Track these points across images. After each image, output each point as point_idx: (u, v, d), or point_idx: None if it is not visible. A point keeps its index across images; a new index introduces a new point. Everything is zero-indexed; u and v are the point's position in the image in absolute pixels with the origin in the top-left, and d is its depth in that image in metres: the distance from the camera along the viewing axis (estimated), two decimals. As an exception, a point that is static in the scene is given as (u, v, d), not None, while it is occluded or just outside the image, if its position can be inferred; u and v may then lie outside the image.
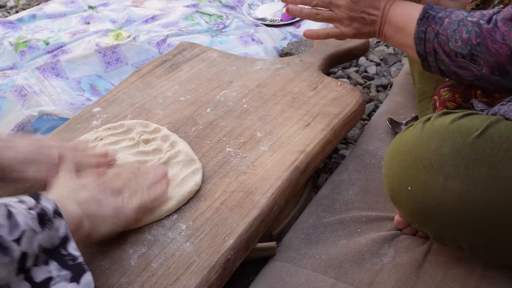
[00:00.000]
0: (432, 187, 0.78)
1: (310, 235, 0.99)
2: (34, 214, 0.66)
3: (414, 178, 0.80)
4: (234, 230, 0.89)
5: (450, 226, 0.81)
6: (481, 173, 0.75)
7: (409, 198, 0.82)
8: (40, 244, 0.66)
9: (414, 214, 0.84)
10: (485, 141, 0.76)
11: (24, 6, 2.21)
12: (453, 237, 0.84)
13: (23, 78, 1.48)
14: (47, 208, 0.68)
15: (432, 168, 0.78)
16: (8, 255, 0.61)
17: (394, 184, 0.85)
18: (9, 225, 0.62)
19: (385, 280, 0.89)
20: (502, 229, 0.78)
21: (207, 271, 0.83)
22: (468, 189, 0.76)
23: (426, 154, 0.79)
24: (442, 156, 0.78)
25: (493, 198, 0.75)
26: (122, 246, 0.87)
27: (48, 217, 0.67)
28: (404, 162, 0.82)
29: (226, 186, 0.98)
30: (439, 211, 0.79)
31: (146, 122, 1.12)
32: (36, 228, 0.65)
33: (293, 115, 1.16)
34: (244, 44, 1.64)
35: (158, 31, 1.70)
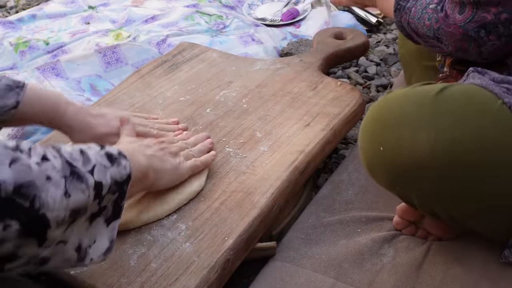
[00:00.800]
0: (401, 141, 0.80)
1: (310, 235, 0.99)
2: (102, 153, 0.73)
3: (383, 138, 0.83)
4: (233, 230, 0.89)
5: (426, 182, 0.81)
6: (445, 122, 0.78)
7: (383, 159, 0.83)
8: (112, 177, 0.72)
9: (390, 176, 0.85)
10: (445, 96, 0.81)
11: (24, 6, 2.21)
12: (433, 199, 0.84)
13: (23, 78, 1.48)
14: (111, 151, 0.75)
15: (399, 124, 0.81)
16: (84, 182, 0.67)
17: (367, 152, 0.87)
18: (82, 159, 0.69)
19: (385, 280, 0.89)
20: (476, 182, 0.79)
21: (206, 271, 0.83)
22: (435, 136, 0.78)
23: (392, 114, 0.82)
24: (406, 113, 0.81)
25: (460, 143, 0.77)
26: (122, 247, 0.87)
27: (115, 156, 0.75)
28: (373, 128, 0.85)
29: (225, 186, 0.98)
30: (412, 166, 0.80)
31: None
32: (106, 164, 0.72)
33: (293, 115, 1.16)
34: (244, 44, 1.64)
35: (158, 31, 1.70)
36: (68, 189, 0.65)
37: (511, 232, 0.85)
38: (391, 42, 1.80)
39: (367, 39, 1.45)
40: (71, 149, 0.70)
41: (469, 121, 0.78)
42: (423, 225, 0.97)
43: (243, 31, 1.74)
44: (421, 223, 0.97)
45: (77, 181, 0.67)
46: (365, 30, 1.82)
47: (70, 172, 0.66)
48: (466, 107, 0.80)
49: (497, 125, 0.78)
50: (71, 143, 0.96)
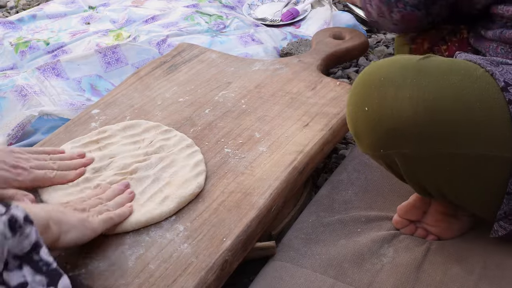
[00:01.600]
0: (385, 100, 0.82)
1: (310, 235, 0.99)
2: (4, 220, 0.65)
3: (368, 98, 0.85)
4: (232, 231, 0.89)
5: (408, 143, 0.83)
6: (427, 82, 0.81)
7: (368, 119, 0.85)
8: (9, 250, 0.65)
9: (375, 137, 0.86)
10: (430, 61, 0.84)
11: (24, 6, 2.21)
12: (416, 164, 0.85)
13: (24, 78, 1.48)
14: (17, 215, 0.67)
15: (383, 84, 0.83)
16: None
17: (353, 115, 0.88)
18: None
19: (385, 280, 0.89)
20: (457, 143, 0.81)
21: (204, 272, 0.83)
22: (417, 94, 0.80)
23: (377, 76, 0.85)
24: (390, 73, 0.84)
25: (441, 101, 0.80)
26: (120, 248, 0.87)
27: (19, 223, 0.67)
28: (359, 90, 0.87)
29: (224, 187, 0.98)
30: (395, 124, 0.82)
31: (167, 128, 1.12)
32: (7, 234, 0.65)
33: (292, 115, 1.16)
34: (244, 44, 1.64)
35: (158, 31, 1.70)
36: None
37: (498, 207, 0.85)
38: (391, 42, 1.80)
39: (366, 39, 1.45)
40: None
41: (451, 82, 0.81)
42: (422, 224, 0.97)
43: (243, 31, 1.74)
44: (421, 223, 0.97)
45: None
46: (365, 30, 1.82)
47: None
48: (449, 71, 0.83)
49: (478, 87, 0.81)
50: None
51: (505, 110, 0.80)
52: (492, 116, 0.80)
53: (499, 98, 0.80)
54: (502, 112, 0.80)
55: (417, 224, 0.98)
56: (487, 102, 0.80)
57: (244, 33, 1.70)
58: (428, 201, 0.96)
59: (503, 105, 0.80)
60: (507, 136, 0.80)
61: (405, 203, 0.97)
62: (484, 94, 0.81)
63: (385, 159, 0.89)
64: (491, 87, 0.81)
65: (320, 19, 1.79)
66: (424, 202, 0.96)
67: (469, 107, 0.80)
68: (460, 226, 0.97)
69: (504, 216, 0.85)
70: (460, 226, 0.97)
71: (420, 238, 0.97)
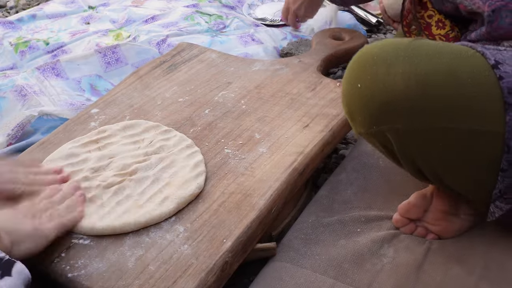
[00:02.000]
0: (377, 76, 0.84)
1: (310, 235, 0.99)
2: None
3: (361, 75, 0.86)
4: (232, 232, 0.89)
5: (400, 118, 0.84)
6: (419, 59, 0.82)
7: (360, 96, 0.86)
8: None
9: (367, 113, 0.87)
10: (422, 41, 0.86)
11: (24, 6, 2.21)
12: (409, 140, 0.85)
13: (23, 78, 1.47)
14: None
15: (376, 62, 0.85)
16: None
17: (347, 93, 0.89)
18: None
19: (385, 281, 0.89)
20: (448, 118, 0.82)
21: (204, 273, 0.83)
22: (409, 70, 0.82)
23: (370, 54, 0.86)
24: (383, 52, 0.85)
25: (433, 76, 0.81)
26: (120, 249, 0.87)
27: None
28: (353, 69, 0.89)
29: (224, 188, 0.98)
30: (387, 99, 0.83)
31: (167, 128, 1.12)
32: None
33: (292, 116, 1.16)
34: (244, 44, 1.64)
35: (158, 31, 1.70)
36: None
37: (493, 186, 0.86)
38: (391, 42, 1.79)
39: (366, 39, 1.45)
40: None
41: (443, 59, 0.83)
42: (423, 223, 0.97)
43: (243, 31, 1.74)
44: (421, 221, 0.97)
45: None
46: (365, 30, 1.82)
47: None
48: (441, 50, 0.84)
49: (470, 64, 0.83)
50: None
51: (496, 86, 0.81)
52: (484, 91, 0.81)
53: (490, 75, 0.82)
54: (493, 88, 0.81)
55: (417, 223, 0.98)
56: (478, 78, 0.82)
57: (244, 33, 1.71)
58: (429, 200, 0.96)
59: (494, 81, 0.81)
60: (498, 112, 0.81)
61: (405, 202, 0.97)
62: (475, 71, 0.82)
63: (379, 137, 0.89)
64: (482, 64, 0.83)
65: (320, 20, 1.79)
66: (424, 200, 0.96)
67: (461, 82, 0.81)
68: (460, 225, 0.97)
69: (500, 195, 0.85)
70: (461, 225, 0.97)
71: (420, 237, 0.97)
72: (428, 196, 0.97)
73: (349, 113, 0.91)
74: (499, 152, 0.82)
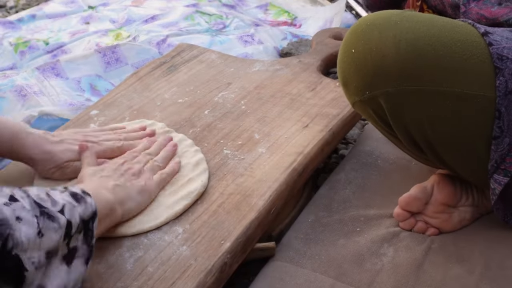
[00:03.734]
0: (369, 41, 0.86)
1: (309, 235, 0.99)
2: (67, 194, 0.74)
3: (355, 41, 0.88)
4: (231, 233, 0.89)
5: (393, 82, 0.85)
6: (410, 24, 0.85)
7: (354, 61, 0.89)
8: (80, 215, 0.72)
9: (360, 78, 0.89)
10: (414, 12, 0.89)
11: (24, 6, 2.21)
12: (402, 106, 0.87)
13: (23, 78, 1.47)
14: (75, 190, 0.76)
15: (369, 27, 0.87)
16: (56, 222, 0.67)
17: (341, 60, 0.92)
18: (50, 200, 0.69)
19: (385, 280, 0.89)
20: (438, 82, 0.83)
21: (203, 274, 0.82)
22: (400, 34, 0.84)
23: (363, 22, 0.89)
24: (376, 20, 0.88)
25: (423, 39, 0.83)
26: (118, 250, 0.87)
27: (80, 195, 0.75)
28: (348, 38, 0.91)
29: (223, 189, 0.98)
30: (379, 62, 0.85)
31: (168, 129, 1.12)
32: (74, 203, 0.72)
33: (292, 116, 1.16)
34: (244, 44, 1.64)
35: (158, 31, 1.70)
36: (42, 228, 0.64)
37: (487, 163, 0.86)
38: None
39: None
40: (37, 191, 0.69)
41: (434, 24, 0.85)
42: (422, 216, 0.98)
43: (243, 30, 1.74)
44: (421, 215, 0.98)
45: (49, 221, 0.66)
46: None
47: (41, 212, 0.66)
48: (432, 18, 0.87)
49: (460, 31, 0.84)
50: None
51: (486, 52, 0.83)
52: (474, 56, 0.83)
53: (479, 42, 0.84)
54: (483, 53, 0.83)
55: (417, 218, 0.98)
56: (468, 43, 0.83)
57: (244, 33, 1.70)
58: (429, 192, 0.97)
59: (484, 47, 0.83)
60: (488, 76, 0.82)
61: (406, 195, 0.97)
62: (465, 36, 0.84)
63: (372, 105, 0.90)
64: (472, 32, 0.85)
65: (320, 18, 1.79)
66: (425, 193, 0.97)
67: (451, 46, 0.83)
68: (460, 217, 0.97)
69: (496, 166, 0.85)
70: (461, 217, 0.97)
71: (421, 233, 0.97)
72: (429, 188, 0.97)
73: (344, 80, 0.93)
74: (491, 118, 0.83)
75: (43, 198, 0.68)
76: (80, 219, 0.72)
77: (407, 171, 1.11)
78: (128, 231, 0.89)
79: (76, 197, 0.74)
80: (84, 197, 0.75)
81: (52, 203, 0.69)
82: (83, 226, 0.73)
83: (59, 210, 0.69)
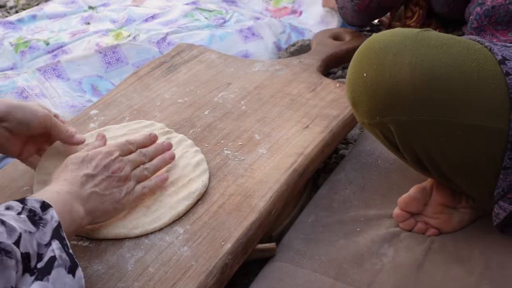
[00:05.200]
0: (383, 66, 0.83)
1: (309, 235, 0.99)
2: (24, 217, 0.68)
3: (367, 64, 0.86)
4: (232, 234, 0.89)
5: (405, 109, 0.83)
6: (426, 50, 0.82)
7: (366, 85, 0.86)
8: (38, 242, 0.67)
9: (372, 103, 0.87)
10: (430, 33, 0.86)
11: (24, 6, 2.21)
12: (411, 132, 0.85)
13: (24, 80, 1.47)
14: (34, 207, 0.70)
15: (382, 51, 0.84)
16: (14, 257, 0.63)
17: (352, 82, 0.89)
18: (6, 230, 0.64)
19: (385, 280, 0.89)
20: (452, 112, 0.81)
21: (204, 275, 0.82)
22: (416, 61, 0.81)
23: (377, 43, 0.86)
24: (390, 42, 0.85)
25: (439, 68, 0.81)
26: (119, 251, 0.87)
27: (39, 215, 0.69)
28: (359, 58, 0.88)
29: (224, 190, 0.98)
30: (392, 89, 0.83)
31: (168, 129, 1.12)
32: (31, 229, 0.67)
33: (292, 117, 1.16)
34: (244, 39, 1.63)
35: (157, 29, 1.69)
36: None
37: (494, 189, 0.85)
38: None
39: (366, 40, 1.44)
40: None
41: (450, 51, 0.82)
42: (422, 217, 0.98)
43: (243, 24, 1.73)
44: (421, 216, 0.98)
45: (6, 258, 0.62)
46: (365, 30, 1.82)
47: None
48: (448, 42, 0.84)
49: (476, 59, 0.82)
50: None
51: (502, 82, 0.80)
52: (489, 87, 0.81)
53: (496, 71, 0.81)
54: (499, 83, 0.81)
55: (417, 218, 0.98)
56: (485, 72, 0.81)
57: (244, 26, 1.69)
58: (429, 193, 0.97)
59: (501, 77, 0.81)
60: (503, 108, 0.80)
61: (405, 195, 0.97)
62: (481, 65, 0.81)
63: (381, 128, 0.89)
64: (489, 59, 0.82)
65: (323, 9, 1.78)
66: (424, 193, 0.97)
67: (467, 76, 0.81)
68: (460, 218, 0.97)
69: (503, 194, 0.85)
70: (461, 218, 0.97)
71: (421, 233, 0.97)
72: (428, 189, 0.97)
73: (353, 102, 0.91)
74: (502, 149, 0.81)
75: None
76: (39, 246, 0.67)
77: (408, 171, 1.11)
78: (131, 233, 0.89)
79: (34, 220, 0.68)
80: (43, 218, 0.70)
81: (8, 233, 0.64)
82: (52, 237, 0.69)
83: (14, 241, 0.64)
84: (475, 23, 0.99)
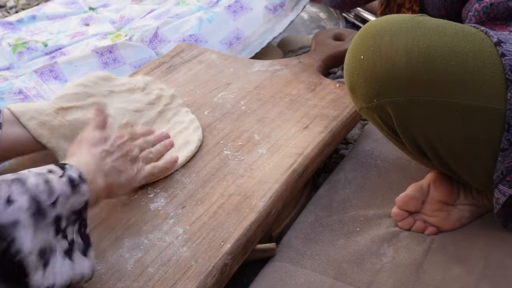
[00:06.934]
0: (380, 47, 0.84)
1: (309, 235, 0.99)
2: (65, 180, 0.72)
3: (364, 47, 0.87)
4: (231, 234, 0.89)
5: (402, 91, 0.83)
6: (422, 32, 0.83)
7: (363, 67, 0.87)
8: (70, 207, 0.72)
9: (369, 85, 0.87)
10: (425, 17, 0.86)
11: (24, 6, 2.21)
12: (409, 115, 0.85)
13: (22, 82, 1.47)
14: (72, 175, 0.74)
15: (379, 33, 0.85)
16: (48, 217, 0.67)
17: (349, 65, 0.90)
18: (47, 190, 0.68)
19: (385, 280, 0.89)
20: (448, 92, 0.81)
21: (204, 276, 0.82)
22: (412, 42, 0.82)
23: (373, 27, 0.87)
24: (387, 25, 0.86)
25: (435, 48, 0.81)
26: (119, 251, 0.87)
27: (76, 182, 0.74)
28: (356, 42, 0.89)
29: (223, 190, 0.98)
30: (389, 70, 0.83)
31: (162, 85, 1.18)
32: (69, 193, 0.72)
33: (291, 117, 1.16)
34: (233, 15, 1.59)
35: (148, 25, 1.66)
36: (36, 228, 0.64)
37: (493, 173, 0.86)
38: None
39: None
40: (36, 179, 0.69)
41: (446, 32, 0.83)
42: (421, 215, 0.98)
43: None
44: (419, 214, 0.98)
45: (42, 218, 0.66)
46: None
47: (37, 210, 0.66)
48: (444, 25, 0.84)
49: (472, 40, 0.83)
50: None
51: (498, 63, 0.81)
52: (485, 67, 0.81)
53: (492, 52, 0.82)
54: (495, 64, 0.81)
55: (415, 217, 0.98)
56: (481, 53, 0.81)
57: (231, 0, 1.64)
58: (426, 191, 0.97)
59: (496, 58, 0.81)
60: (499, 88, 0.81)
61: (403, 194, 0.97)
62: (477, 46, 0.82)
63: (379, 112, 0.89)
64: (484, 41, 0.83)
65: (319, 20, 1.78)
66: (421, 192, 0.97)
67: (463, 57, 0.81)
68: (459, 215, 0.97)
69: (502, 177, 0.85)
70: (460, 215, 0.97)
71: (420, 232, 0.97)
72: (425, 187, 0.97)
73: (351, 86, 0.91)
74: (499, 131, 0.82)
75: (41, 189, 0.68)
76: (70, 211, 0.72)
77: (407, 170, 1.11)
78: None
79: (73, 184, 0.73)
80: (79, 185, 0.74)
81: (48, 194, 0.68)
82: (76, 217, 0.73)
83: (52, 203, 0.68)
84: (473, 19, 0.99)
